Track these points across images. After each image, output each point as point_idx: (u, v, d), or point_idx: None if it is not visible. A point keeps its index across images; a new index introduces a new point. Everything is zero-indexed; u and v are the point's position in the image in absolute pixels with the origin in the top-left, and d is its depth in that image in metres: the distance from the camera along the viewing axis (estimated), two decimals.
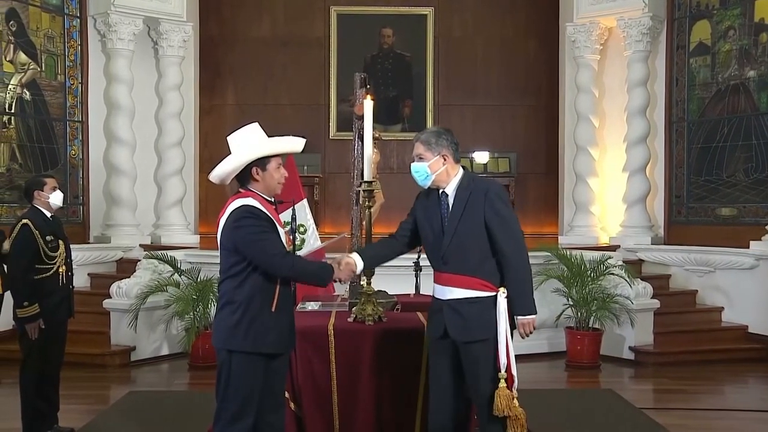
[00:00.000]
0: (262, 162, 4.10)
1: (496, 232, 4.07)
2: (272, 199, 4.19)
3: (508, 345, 4.06)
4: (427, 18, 12.30)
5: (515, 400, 4.04)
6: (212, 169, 4.15)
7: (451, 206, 4.17)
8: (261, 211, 4.01)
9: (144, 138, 10.76)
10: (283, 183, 4.21)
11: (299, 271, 4.06)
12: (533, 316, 4.13)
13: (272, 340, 3.97)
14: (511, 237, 4.10)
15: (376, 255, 4.42)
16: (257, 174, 4.10)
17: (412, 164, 4.25)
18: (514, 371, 4.07)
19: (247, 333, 3.92)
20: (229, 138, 4.21)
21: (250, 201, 4.03)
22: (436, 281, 4.24)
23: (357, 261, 4.22)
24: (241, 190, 4.13)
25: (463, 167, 4.30)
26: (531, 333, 4.16)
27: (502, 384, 4.04)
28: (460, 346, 4.12)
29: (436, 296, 4.24)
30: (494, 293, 4.09)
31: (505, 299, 4.08)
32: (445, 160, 4.18)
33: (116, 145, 10.44)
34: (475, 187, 4.17)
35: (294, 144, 4.34)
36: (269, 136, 4.22)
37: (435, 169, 4.18)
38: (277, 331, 4.00)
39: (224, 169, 4.11)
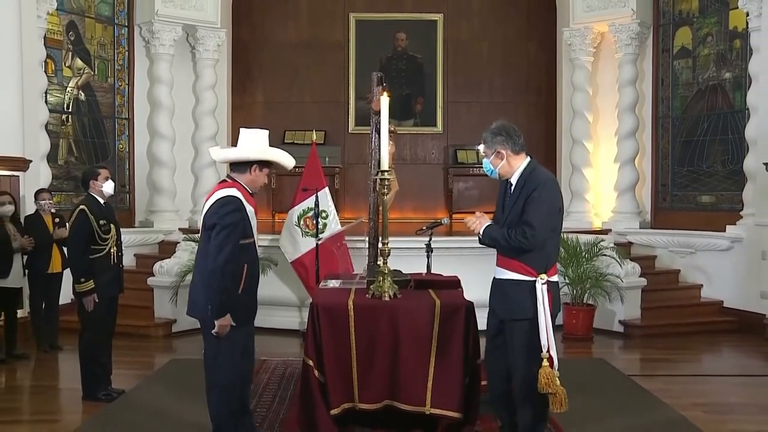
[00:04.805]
0: (265, 163, 4.33)
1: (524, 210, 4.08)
2: (252, 192, 4.39)
3: (548, 328, 4.04)
4: (437, 23, 12.28)
5: (557, 379, 4.04)
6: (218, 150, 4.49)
7: (510, 195, 4.22)
8: (242, 203, 4.23)
9: (182, 133, 10.85)
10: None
11: (218, 285, 4.15)
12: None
13: (236, 316, 4.30)
14: (535, 216, 4.03)
15: None
16: (255, 171, 4.30)
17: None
18: (553, 353, 4.05)
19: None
20: (244, 131, 4.38)
21: (234, 192, 4.23)
22: (496, 262, 4.31)
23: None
24: (227, 179, 4.34)
25: (530, 156, 4.28)
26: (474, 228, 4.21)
27: (545, 363, 4.03)
28: (504, 321, 4.21)
29: (494, 275, 4.32)
30: (534, 278, 4.07)
31: (544, 285, 4.06)
32: (502, 155, 4.22)
33: (158, 139, 10.55)
34: (531, 178, 4.16)
35: (289, 160, 4.50)
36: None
37: (495, 165, 4.26)
38: (241, 308, 4.32)
39: (238, 155, 4.32)
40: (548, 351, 4.03)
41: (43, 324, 7.68)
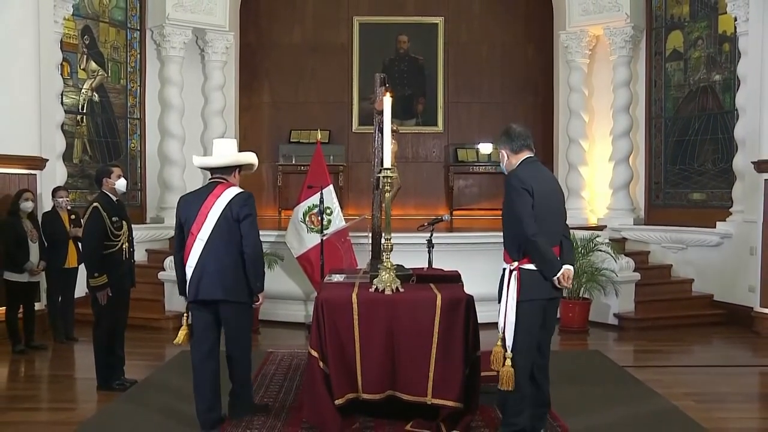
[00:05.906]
0: (246, 166, 4.96)
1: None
2: None
3: (507, 312, 4.19)
4: (438, 26, 12.27)
5: (508, 360, 4.16)
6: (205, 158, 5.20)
7: None
8: None
9: (192, 132, 10.84)
10: None
11: (262, 265, 4.90)
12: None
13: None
14: (516, 210, 4.20)
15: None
16: (237, 174, 4.91)
17: None
18: (507, 335, 4.20)
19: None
20: (218, 141, 5.09)
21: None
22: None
23: None
24: (222, 180, 4.86)
25: (530, 156, 4.38)
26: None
27: (499, 343, 4.21)
28: None
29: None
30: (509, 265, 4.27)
31: (514, 272, 4.20)
32: (504, 154, 4.44)
33: (168, 138, 10.56)
34: (510, 174, 4.35)
35: (256, 161, 5.12)
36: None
37: (502, 162, 4.47)
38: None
39: (229, 160, 4.90)
40: (503, 332, 4.21)
41: (60, 316, 7.72)
